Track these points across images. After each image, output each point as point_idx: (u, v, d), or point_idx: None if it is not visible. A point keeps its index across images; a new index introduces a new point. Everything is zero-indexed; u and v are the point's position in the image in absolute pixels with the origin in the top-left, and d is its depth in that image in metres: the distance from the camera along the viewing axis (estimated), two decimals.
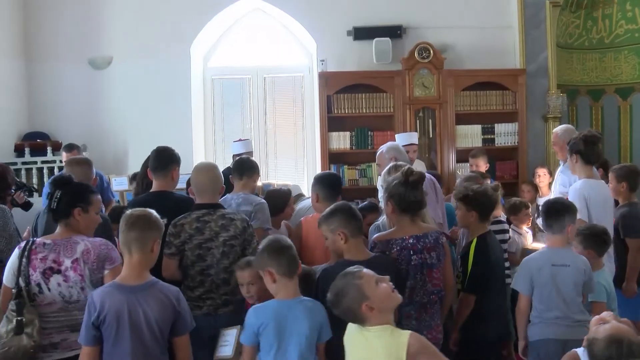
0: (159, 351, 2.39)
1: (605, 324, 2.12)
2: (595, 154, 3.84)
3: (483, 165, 5.70)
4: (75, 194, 2.75)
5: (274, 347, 2.43)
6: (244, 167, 3.89)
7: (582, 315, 2.98)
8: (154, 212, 2.54)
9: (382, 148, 4.21)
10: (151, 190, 3.53)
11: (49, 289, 2.58)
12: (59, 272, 2.58)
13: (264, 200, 3.82)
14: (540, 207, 3.54)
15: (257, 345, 2.49)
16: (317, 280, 2.71)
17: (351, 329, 2.26)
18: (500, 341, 3.29)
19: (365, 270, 2.22)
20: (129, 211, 2.54)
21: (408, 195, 2.79)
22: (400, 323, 2.74)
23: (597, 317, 2.24)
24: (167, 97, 6.62)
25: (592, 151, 3.80)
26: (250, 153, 5.36)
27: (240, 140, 5.81)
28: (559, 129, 4.80)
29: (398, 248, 2.77)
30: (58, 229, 2.73)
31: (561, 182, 4.43)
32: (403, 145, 4.74)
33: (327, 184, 3.56)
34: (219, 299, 3.06)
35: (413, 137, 5.27)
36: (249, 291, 2.85)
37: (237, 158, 4.24)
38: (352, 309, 2.15)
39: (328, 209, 2.80)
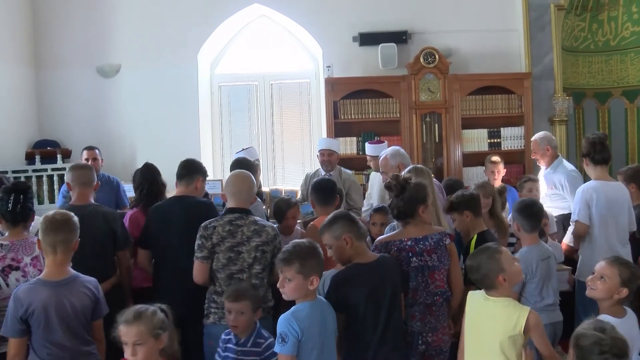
0: (86, 334, 2.69)
1: None
2: (601, 154, 3.91)
3: (502, 170, 5.59)
4: (32, 200, 3.15)
5: (316, 348, 2.49)
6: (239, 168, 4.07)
7: (557, 298, 3.37)
8: (73, 215, 2.79)
9: (387, 154, 4.13)
10: (171, 196, 3.75)
11: (7, 285, 2.89)
12: (17, 268, 2.93)
13: (258, 199, 4.01)
14: (514, 209, 3.62)
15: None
16: (329, 285, 2.74)
17: (475, 296, 2.61)
18: None
19: (503, 247, 2.65)
20: (51, 214, 2.75)
21: (400, 204, 2.89)
22: (405, 324, 2.80)
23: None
24: (175, 104, 6.69)
25: (598, 152, 3.90)
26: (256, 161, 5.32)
27: (242, 150, 5.63)
28: (536, 135, 4.98)
29: (396, 249, 2.85)
30: (11, 232, 3.05)
31: (547, 184, 4.81)
32: (375, 156, 5.05)
33: (319, 189, 3.74)
34: None
35: (384, 148, 5.29)
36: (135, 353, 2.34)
37: (233, 160, 4.40)
38: (489, 277, 2.52)
39: (327, 218, 2.85)
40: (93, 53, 6.72)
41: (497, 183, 5.28)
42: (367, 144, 5.60)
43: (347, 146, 6.45)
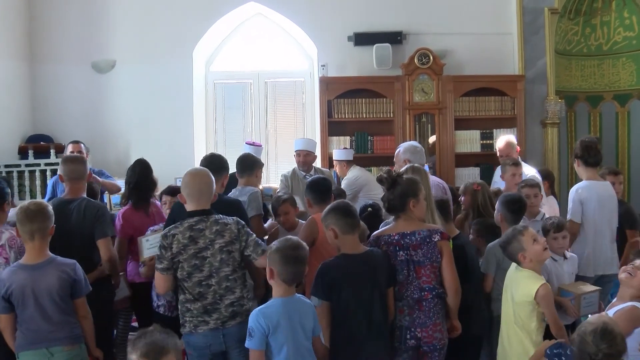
0: (60, 313, 2.92)
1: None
2: (595, 157, 4.13)
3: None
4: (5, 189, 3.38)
5: (287, 345, 2.54)
6: (243, 165, 4.16)
7: None
8: (47, 204, 3.04)
9: (400, 148, 4.47)
10: None
11: None
12: None
13: (257, 189, 4.05)
14: (500, 201, 3.77)
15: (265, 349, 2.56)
16: (317, 272, 2.83)
17: (512, 267, 3.14)
18: (483, 337, 3.43)
19: (529, 228, 3.07)
20: (25, 205, 2.99)
21: (390, 197, 2.97)
22: (395, 318, 2.88)
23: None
24: (170, 101, 6.69)
25: (591, 155, 4.12)
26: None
27: (253, 144, 5.69)
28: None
29: (384, 243, 2.94)
30: None
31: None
32: (342, 160, 5.68)
33: (315, 189, 3.75)
34: (225, 311, 2.91)
35: (350, 154, 5.85)
36: None
37: (239, 156, 4.32)
38: (513, 254, 3.05)
39: (327, 207, 2.99)
40: (88, 48, 6.71)
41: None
42: (335, 151, 5.96)
43: (340, 145, 6.47)
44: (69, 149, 5.33)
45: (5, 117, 6.32)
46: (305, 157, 5.46)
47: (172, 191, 4.06)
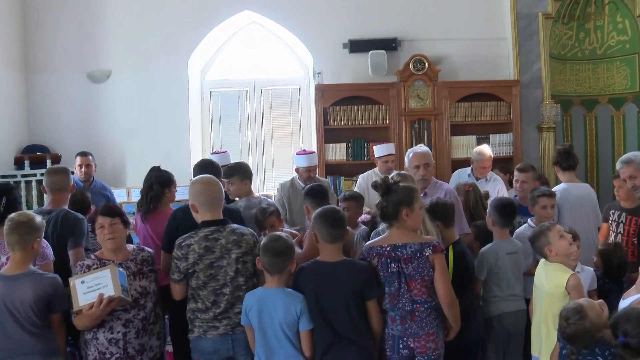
0: (34, 326, 2.84)
1: None
2: (567, 162, 4.48)
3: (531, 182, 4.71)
4: (17, 199, 3.44)
5: (258, 335, 2.82)
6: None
7: (522, 289, 3.64)
8: (34, 215, 2.95)
9: (409, 152, 4.20)
10: None
11: None
12: None
13: (260, 195, 4.15)
14: (491, 205, 3.80)
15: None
16: (294, 275, 2.92)
17: (540, 263, 3.29)
18: (478, 342, 3.40)
19: (557, 225, 3.27)
20: (13, 215, 2.95)
21: (384, 205, 2.93)
22: (387, 327, 2.88)
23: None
24: (165, 110, 6.69)
25: (564, 160, 4.48)
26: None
27: (216, 152, 5.50)
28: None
29: (375, 254, 2.89)
30: None
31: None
32: (381, 157, 5.41)
33: (313, 195, 3.73)
34: (235, 317, 2.96)
35: (390, 148, 5.56)
36: None
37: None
38: (540, 248, 3.21)
39: (317, 211, 3.01)
40: (83, 58, 6.72)
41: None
42: (374, 147, 5.65)
43: (336, 152, 6.49)
44: (77, 162, 5.38)
45: (1, 128, 6.31)
46: (313, 172, 5.19)
47: (110, 211, 3.17)
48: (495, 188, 5.13)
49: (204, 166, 3.83)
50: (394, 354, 2.84)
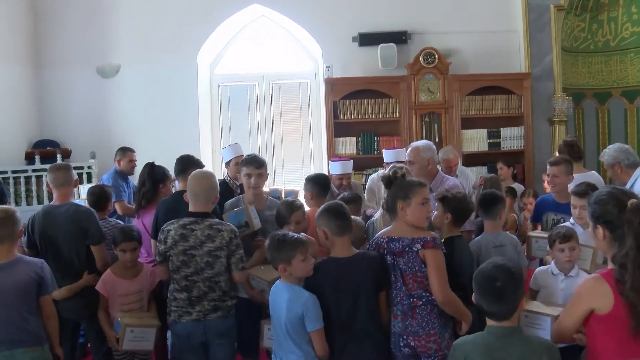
0: (23, 313, 2.94)
1: None
2: (574, 152, 4.58)
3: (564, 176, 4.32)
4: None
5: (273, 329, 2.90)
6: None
7: None
8: (14, 210, 3.09)
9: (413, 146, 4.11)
10: (176, 191, 3.88)
11: None
12: None
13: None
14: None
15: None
16: None
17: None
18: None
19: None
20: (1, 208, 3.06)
21: (387, 198, 2.91)
22: (390, 322, 2.84)
23: None
24: (175, 104, 6.70)
25: (571, 151, 4.57)
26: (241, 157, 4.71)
27: (228, 146, 5.35)
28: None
29: (374, 244, 2.90)
30: None
31: None
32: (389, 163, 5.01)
33: (317, 183, 3.94)
34: (208, 305, 3.10)
35: (401, 155, 5.04)
36: None
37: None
38: None
39: (320, 209, 2.96)
40: (93, 53, 6.73)
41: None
42: (384, 151, 5.39)
43: (346, 146, 6.46)
44: (129, 157, 5.58)
45: (11, 123, 6.34)
46: (346, 180, 5.03)
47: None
48: (467, 182, 5.09)
49: (181, 160, 3.99)
50: (396, 352, 2.80)
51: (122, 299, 3.48)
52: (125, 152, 5.62)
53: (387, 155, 5.26)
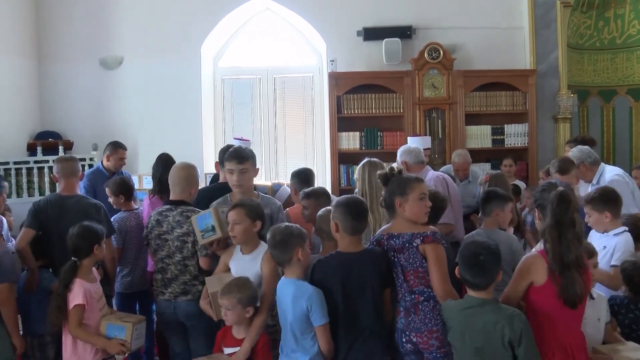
0: None
1: None
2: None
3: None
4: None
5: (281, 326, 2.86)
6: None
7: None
8: None
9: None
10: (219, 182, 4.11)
11: None
12: None
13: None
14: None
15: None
16: (312, 269, 2.85)
17: None
18: None
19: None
20: None
21: (385, 195, 2.89)
22: (393, 318, 2.82)
23: None
24: (178, 97, 6.67)
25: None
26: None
27: (242, 139, 5.40)
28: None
29: (375, 241, 2.88)
30: None
31: None
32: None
33: (300, 177, 4.06)
34: (178, 287, 3.31)
35: (427, 142, 5.44)
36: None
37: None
38: None
39: (339, 199, 2.91)
40: (96, 45, 6.70)
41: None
42: (409, 138, 5.48)
43: (349, 141, 6.43)
44: (119, 154, 5.25)
45: (13, 115, 6.32)
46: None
47: None
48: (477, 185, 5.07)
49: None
50: (399, 348, 2.78)
51: (99, 304, 3.22)
52: (117, 148, 5.27)
53: (412, 142, 5.23)
